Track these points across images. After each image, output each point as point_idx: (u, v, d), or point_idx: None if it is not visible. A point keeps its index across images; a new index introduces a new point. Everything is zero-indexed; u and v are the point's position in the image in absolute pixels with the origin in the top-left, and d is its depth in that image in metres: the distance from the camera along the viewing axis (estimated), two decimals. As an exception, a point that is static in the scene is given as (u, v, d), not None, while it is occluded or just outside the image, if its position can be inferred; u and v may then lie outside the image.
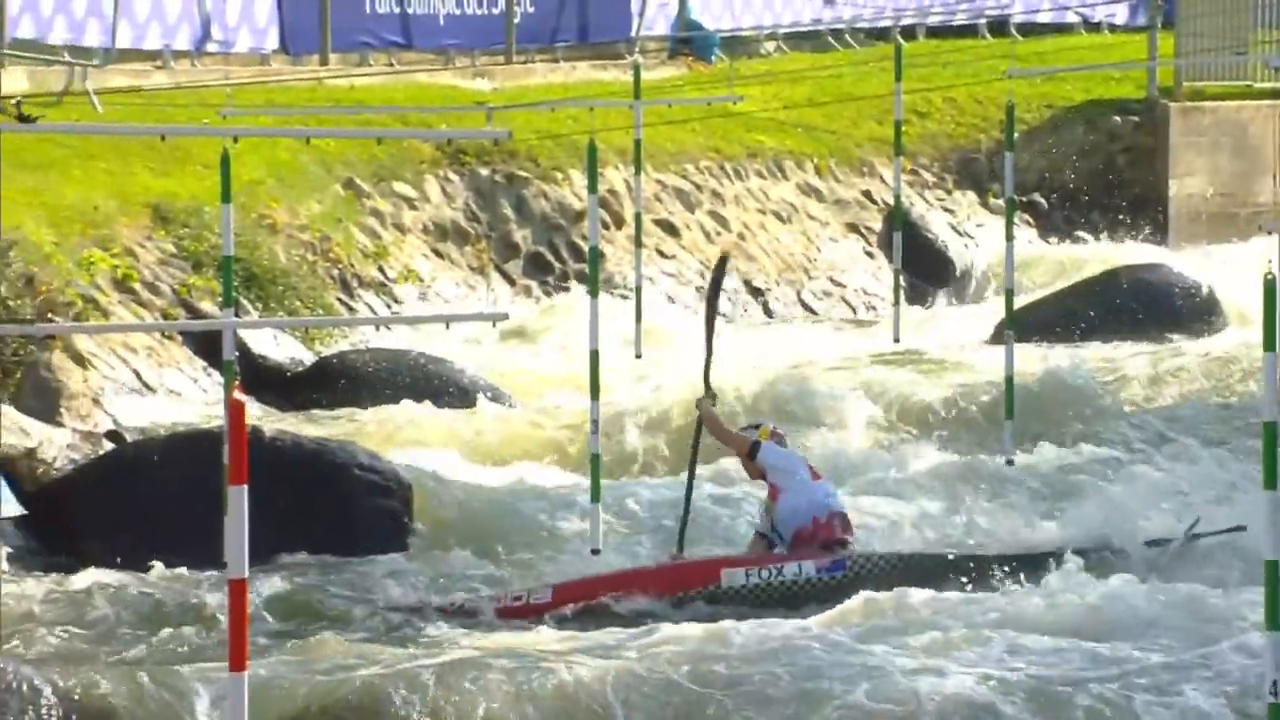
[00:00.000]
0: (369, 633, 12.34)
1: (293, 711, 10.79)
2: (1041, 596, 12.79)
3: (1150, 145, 28.59)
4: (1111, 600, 12.76)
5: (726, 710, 10.80)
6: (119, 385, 18.17)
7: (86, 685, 10.85)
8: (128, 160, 21.57)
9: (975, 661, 11.34)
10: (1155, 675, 11.02)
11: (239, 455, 7.90)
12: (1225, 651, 11.28)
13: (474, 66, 28.74)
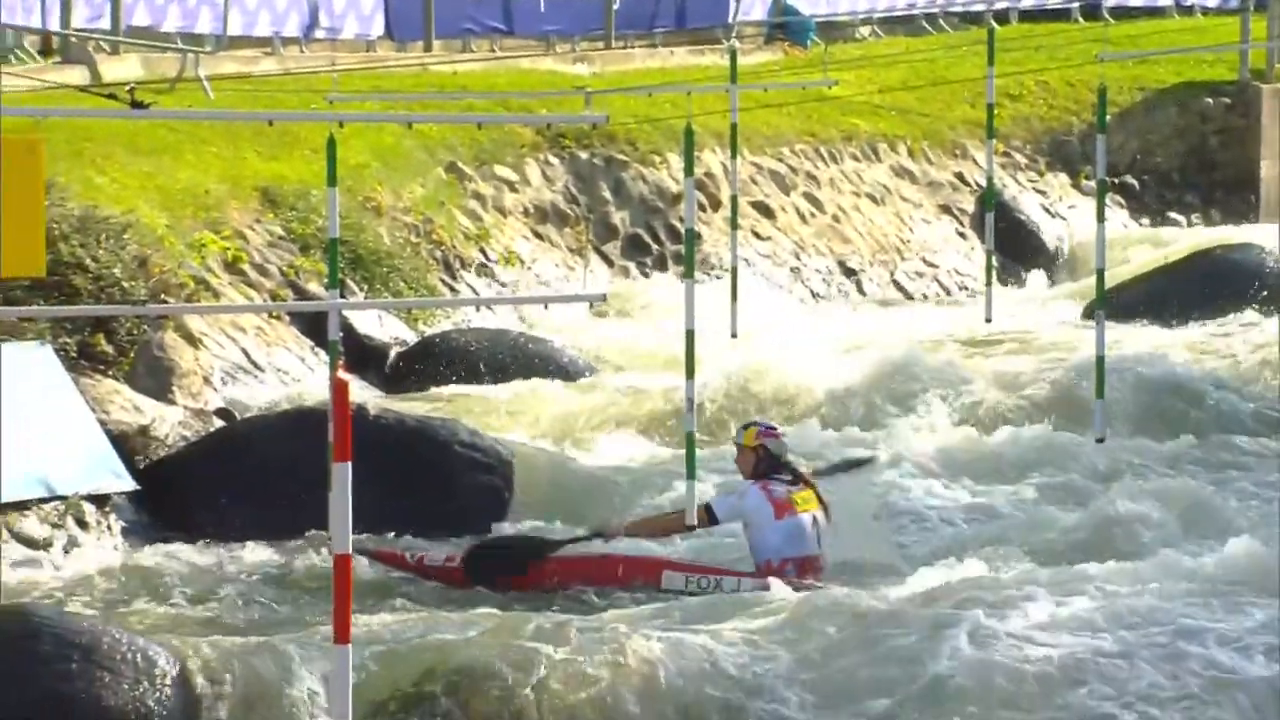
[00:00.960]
0: (468, 607, 12.37)
1: (394, 684, 10.84)
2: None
3: (1242, 127, 28.34)
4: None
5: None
6: (229, 364, 18.27)
7: (195, 655, 10.92)
8: (238, 145, 21.66)
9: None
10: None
11: (343, 433, 7.92)
12: None
13: (574, 52, 28.76)
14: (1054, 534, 13.76)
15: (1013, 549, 13.37)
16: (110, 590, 13.06)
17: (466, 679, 10.80)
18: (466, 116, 22.49)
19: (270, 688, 10.82)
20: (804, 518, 12.95)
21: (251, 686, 10.84)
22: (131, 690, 10.71)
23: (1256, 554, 12.79)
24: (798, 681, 10.87)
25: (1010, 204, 26.21)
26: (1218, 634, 11.18)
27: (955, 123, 27.45)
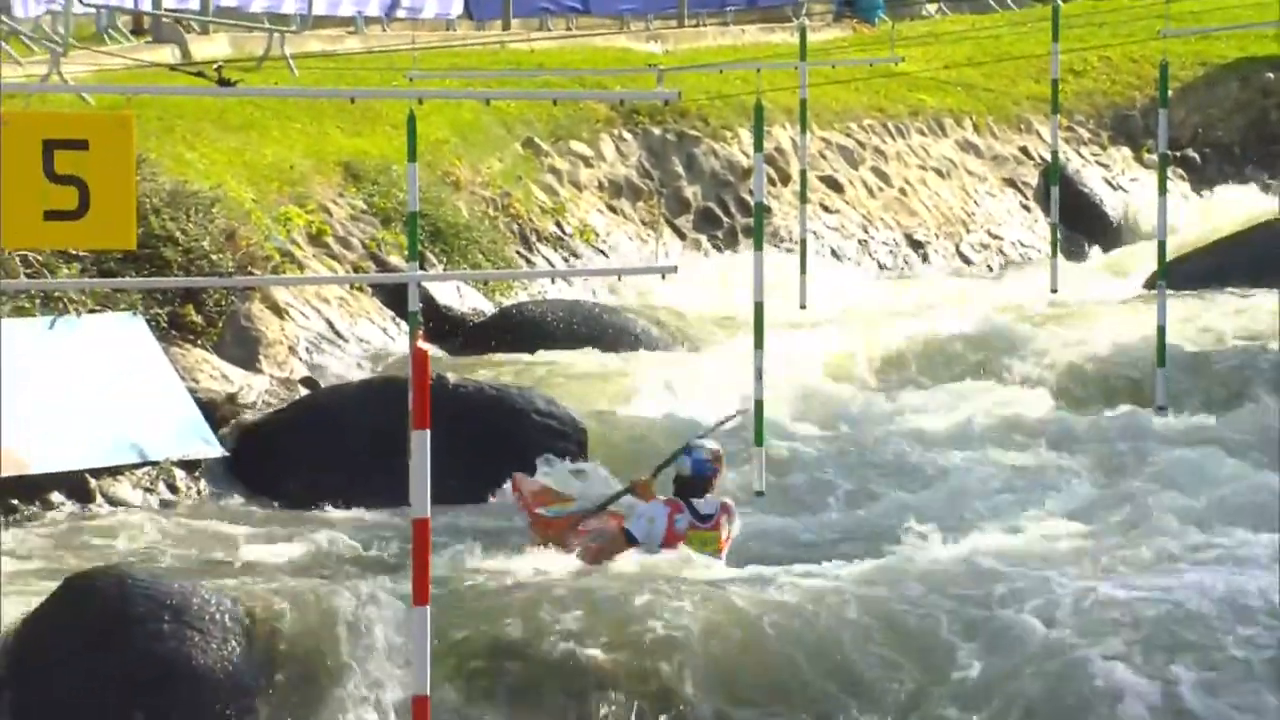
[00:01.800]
0: (544, 573, 12.41)
1: (470, 645, 10.90)
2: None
3: (1303, 100, 28.13)
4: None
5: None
6: (313, 334, 18.35)
7: (279, 616, 11.00)
8: (321, 121, 21.73)
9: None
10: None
11: (422, 401, 7.97)
12: None
13: (647, 30, 28.73)
14: (1103, 506, 13.66)
15: (1059, 520, 13.28)
16: (198, 552, 13.16)
17: (539, 645, 10.84)
18: (543, 93, 22.50)
19: (351, 648, 10.88)
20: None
21: (332, 646, 10.91)
22: (220, 649, 10.79)
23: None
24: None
25: (1073, 177, 26.07)
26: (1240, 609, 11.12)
27: (1020, 98, 27.32)
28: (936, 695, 10.50)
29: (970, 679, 10.58)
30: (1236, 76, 28.35)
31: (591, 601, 11.13)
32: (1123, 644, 10.69)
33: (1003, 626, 10.87)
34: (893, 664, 10.74)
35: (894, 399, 17.04)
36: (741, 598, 11.22)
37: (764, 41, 28.46)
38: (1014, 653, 10.69)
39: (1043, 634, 10.77)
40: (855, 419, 16.13)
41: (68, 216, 8.62)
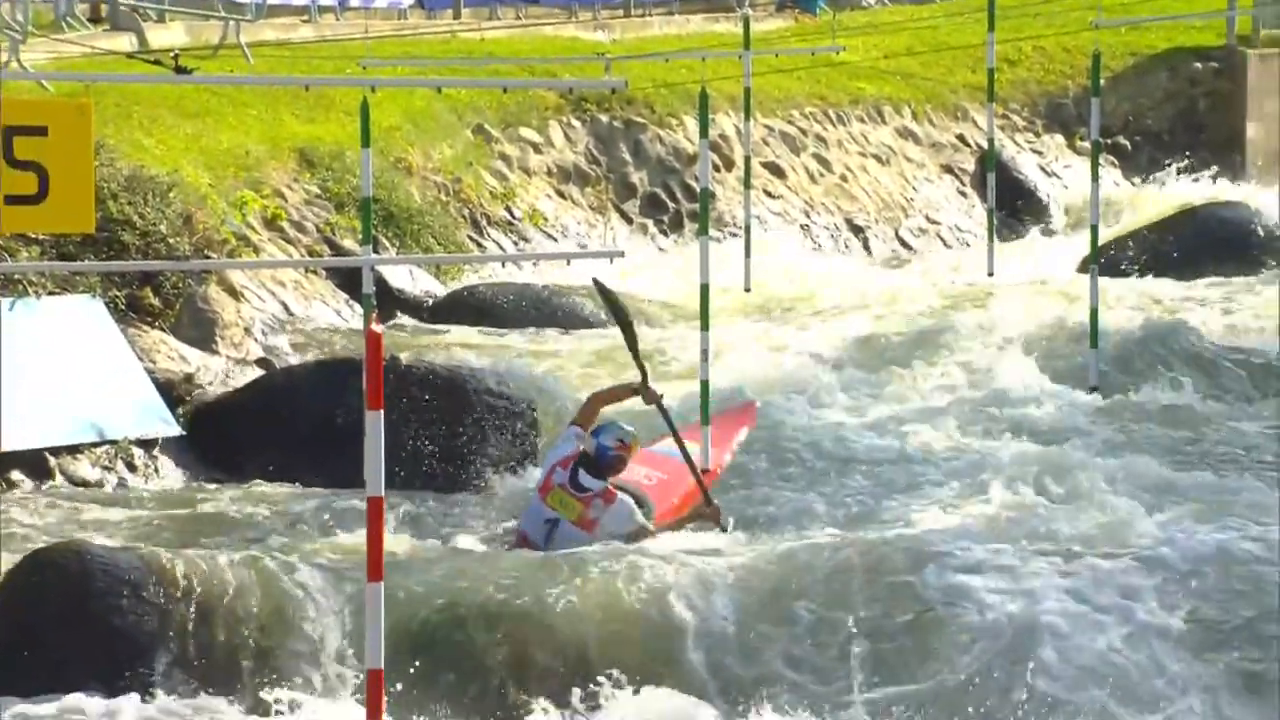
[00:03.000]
0: (497, 546, 12.37)
1: (423, 620, 10.86)
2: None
3: (1229, 90, 28.24)
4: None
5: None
6: (268, 316, 18.27)
7: (237, 591, 10.95)
8: (276, 108, 21.64)
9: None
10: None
11: (376, 382, 7.93)
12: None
13: (595, 20, 28.68)
14: (1035, 484, 13.67)
15: (988, 498, 13.28)
16: (157, 529, 13.08)
17: (491, 615, 10.81)
18: (493, 81, 22.44)
19: (306, 622, 10.83)
20: (545, 510, 12.28)
21: (288, 621, 10.85)
22: (178, 623, 10.73)
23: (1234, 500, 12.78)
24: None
25: (1009, 164, 26.14)
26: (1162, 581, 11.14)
27: (957, 86, 27.36)
28: (848, 672, 10.43)
29: (892, 655, 10.52)
30: (1166, 66, 28.45)
31: (541, 577, 11.10)
32: (1055, 616, 10.68)
33: (930, 601, 10.83)
34: (785, 638, 10.65)
35: (836, 381, 17.03)
36: (656, 575, 11.19)
37: (709, 31, 28.44)
38: (945, 630, 10.66)
39: (975, 606, 10.75)
40: (797, 401, 16.11)
41: (27, 201, 8.55)
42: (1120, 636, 10.42)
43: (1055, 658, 10.31)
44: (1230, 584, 10.85)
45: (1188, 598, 10.69)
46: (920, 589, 10.80)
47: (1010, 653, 10.39)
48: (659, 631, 10.72)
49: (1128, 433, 15.15)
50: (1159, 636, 10.41)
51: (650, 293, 20.91)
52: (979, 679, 10.30)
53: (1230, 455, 14.53)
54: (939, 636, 10.55)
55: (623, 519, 12.20)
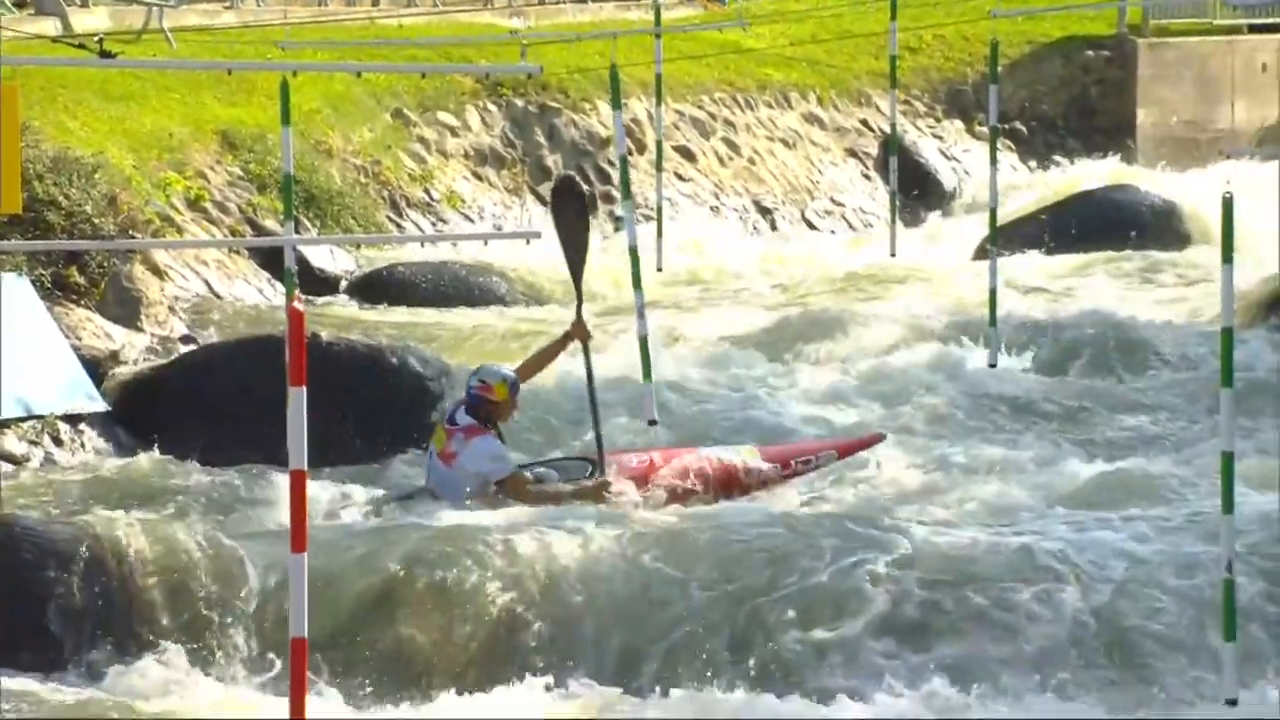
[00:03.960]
0: (412, 518, 12.33)
1: (345, 590, 10.83)
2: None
3: (1120, 78, 28.43)
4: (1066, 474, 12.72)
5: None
6: (192, 294, 18.17)
7: (163, 562, 10.89)
8: (199, 92, 21.49)
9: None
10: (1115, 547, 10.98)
11: (298, 359, 7.88)
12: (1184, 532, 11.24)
13: (510, 6, 28.59)
14: (936, 460, 13.72)
15: (891, 472, 13.32)
16: (83, 502, 12.97)
17: (414, 585, 10.79)
18: (412, 66, 22.35)
19: (233, 592, 10.78)
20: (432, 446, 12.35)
21: (215, 591, 10.80)
22: (106, 595, 10.66)
23: (1129, 473, 12.88)
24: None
25: (911, 148, 26.24)
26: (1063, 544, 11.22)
27: (860, 73, 27.44)
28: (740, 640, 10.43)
29: (777, 620, 10.52)
30: (1060, 55, 28.62)
31: (463, 546, 11.07)
32: (939, 582, 10.71)
33: (818, 568, 10.84)
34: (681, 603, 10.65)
35: (740, 358, 17.06)
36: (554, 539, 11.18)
37: (620, 18, 28.40)
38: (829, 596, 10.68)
39: (864, 575, 10.77)
40: (701, 376, 16.11)
41: (-45, 181, 8.43)
42: (1001, 605, 10.47)
43: (931, 623, 10.33)
44: (1107, 560, 10.92)
45: (1071, 569, 10.75)
46: (811, 559, 10.82)
47: (891, 617, 10.41)
48: (564, 602, 10.72)
49: (1024, 408, 15.24)
50: (1038, 602, 10.46)
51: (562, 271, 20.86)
52: (859, 642, 10.32)
53: (1123, 429, 14.64)
54: (826, 602, 10.57)
55: (478, 457, 12.12)
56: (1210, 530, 10.80)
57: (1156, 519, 11.56)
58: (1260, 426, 14.40)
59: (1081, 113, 28.30)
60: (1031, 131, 28.06)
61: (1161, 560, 10.77)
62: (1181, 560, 10.73)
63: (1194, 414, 14.81)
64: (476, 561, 10.89)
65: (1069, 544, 10.98)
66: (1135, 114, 28.21)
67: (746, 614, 10.51)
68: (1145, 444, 14.08)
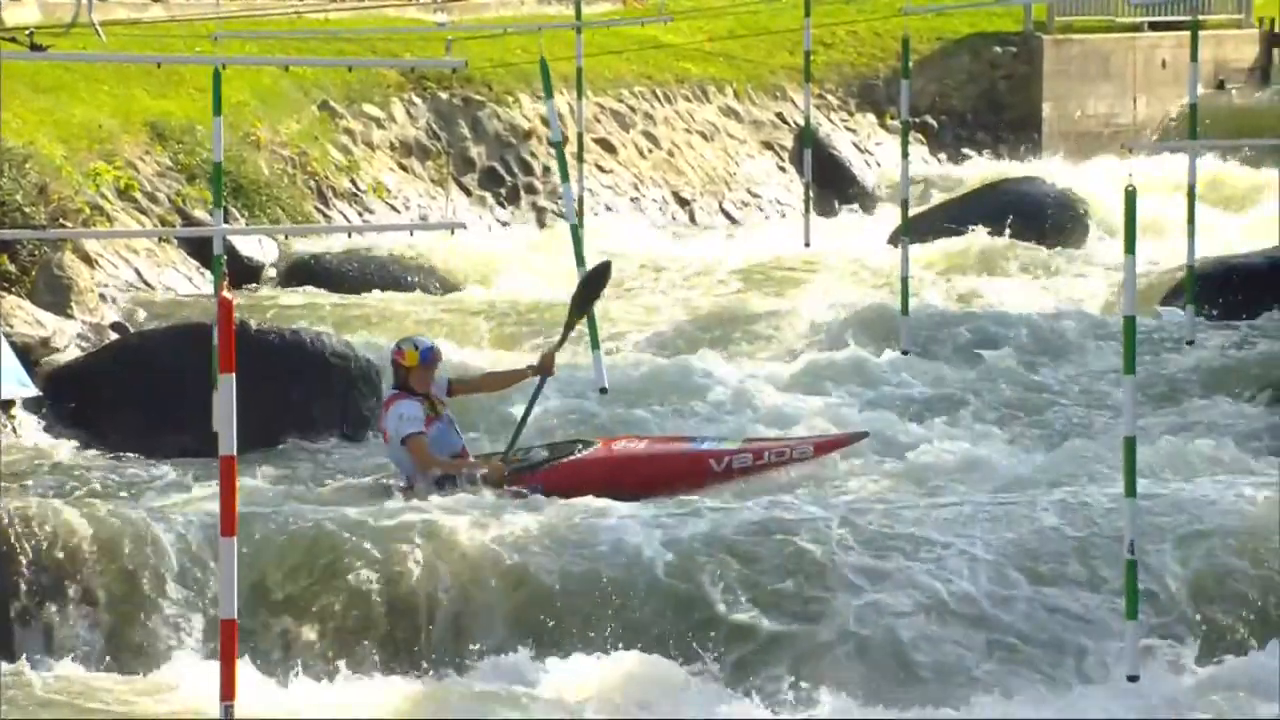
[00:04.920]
0: (340, 501, 12.30)
1: (274, 569, 10.80)
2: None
3: (1027, 73, 28.58)
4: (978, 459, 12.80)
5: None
6: (122, 283, 18.06)
7: (95, 544, 10.84)
8: (128, 84, 21.35)
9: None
10: (1026, 531, 11.04)
11: (227, 347, 7.85)
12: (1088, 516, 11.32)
13: (435, 2, 28.49)
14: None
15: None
16: (14, 485, 12.87)
17: (345, 567, 10.76)
18: (339, 60, 22.22)
19: (164, 575, 10.73)
20: None
21: (146, 574, 10.75)
22: (38, 577, 10.60)
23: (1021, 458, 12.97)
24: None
25: (825, 141, 26.29)
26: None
27: (776, 68, 27.48)
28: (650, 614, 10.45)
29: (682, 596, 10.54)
30: (969, 50, 28.74)
31: (391, 531, 11.05)
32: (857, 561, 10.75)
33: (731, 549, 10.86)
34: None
35: (658, 345, 17.08)
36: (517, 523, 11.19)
37: (542, 13, 28.34)
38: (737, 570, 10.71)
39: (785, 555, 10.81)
40: (616, 361, 16.11)
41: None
42: (909, 584, 10.51)
43: (835, 605, 10.35)
44: (1013, 541, 10.98)
45: (977, 550, 10.81)
46: (723, 543, 10.86)
47: (798, 601, 10.44)
48: (479, 577, 10.72)
49: (935, 392, 15.31)
50: (944, 583, 10.52)
51: (491, 256, 20.86)
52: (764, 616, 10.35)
53: (1030, 414, 14.72)
54: (732, 577, 10.60)
55: (392, 419, 12.35)
56: (1114, 513, 10.88)
57: (1061, 502, 11.63)
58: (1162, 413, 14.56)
59: (990, 107, 28.43)
60: (941, 125, 28.17)
61: (1066, 541, 10.84)
62: (1086, 542, 10.81)
63: (1096, 400, 14.91)
64: (406, 541, 10.87)
65: (975, 525, 11.04)
66: (1041, 108, 28.37)
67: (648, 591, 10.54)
68: (1052, 429, 14.17)
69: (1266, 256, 18.53)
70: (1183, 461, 12.76)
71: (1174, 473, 12.42)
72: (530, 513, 11.39)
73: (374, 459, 13.76)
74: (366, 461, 13.78)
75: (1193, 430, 14.12)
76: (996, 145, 27.95)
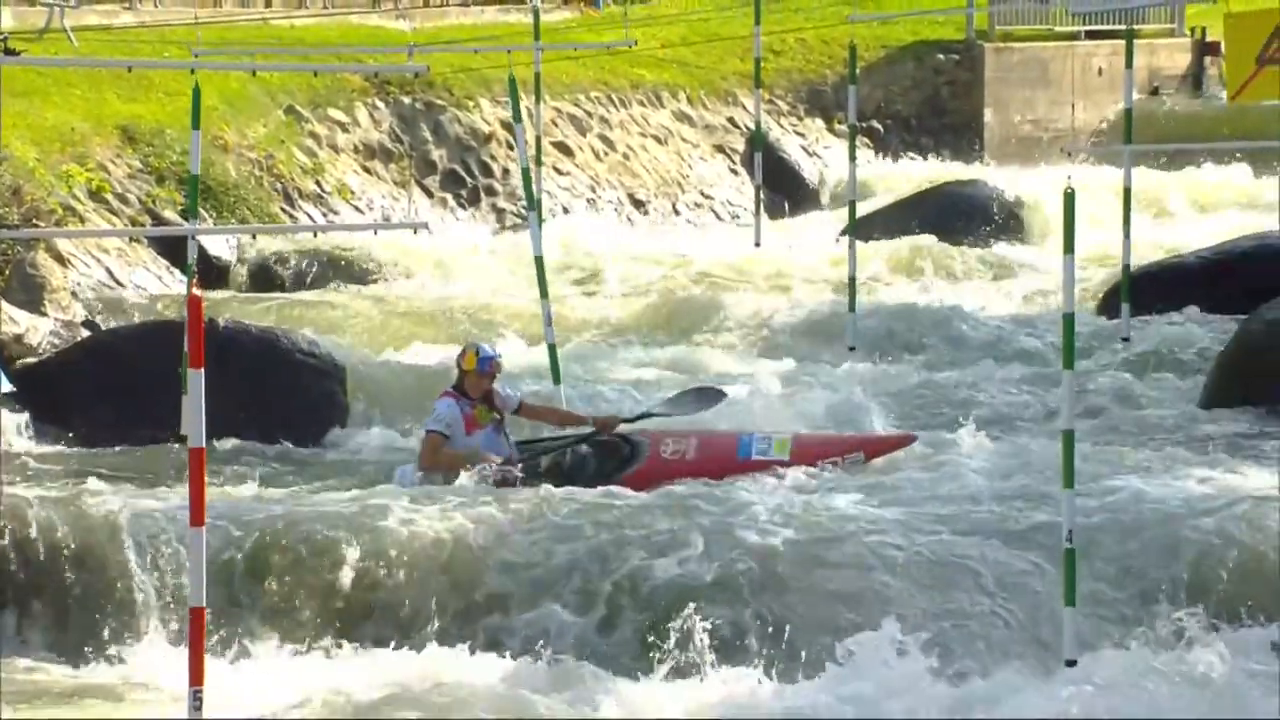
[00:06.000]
0: (312, 491, 12.27)
1: (244, 559, 10.76)
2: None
3: (969, 80, 28.67)
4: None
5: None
6: (94, 281, 17.98)
7: (69, 534, 10.79)
8: (100, 88, 21.26)
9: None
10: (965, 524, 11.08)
11: (197, 343, 7.82)
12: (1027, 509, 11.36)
13: (396, 9, 28.41)
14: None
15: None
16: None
17: (310, 556, 10.74)
18: (305, 65, 22.19)
19: (136, 564, 10.68)
20: None
21: (118, 564, 10.71)
22: (10, 569, 10.53)
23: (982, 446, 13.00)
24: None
25: (775, 145, 26.32)
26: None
27: (727, 74, 27.51)
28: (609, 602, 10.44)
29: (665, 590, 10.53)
30: (913, 57, 28.81)
31: (365, 517, 11.02)
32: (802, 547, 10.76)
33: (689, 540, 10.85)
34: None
35: (615, 341, 17.07)
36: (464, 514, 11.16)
37: (501, 21, 28.31)
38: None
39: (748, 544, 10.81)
40: (574, 358, 16.11)
41: None
42: (856, 566, 10.52)
43: (770, 600, 10.32)
44: (955, 533, 11.01)
45: (921, 541, 10.84)
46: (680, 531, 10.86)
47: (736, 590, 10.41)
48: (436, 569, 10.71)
49: (881, 387, 15.34)
50: (891, 573, 10.54)
51: (449, 259, 20.83)
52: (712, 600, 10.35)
53: (972, 408, 14.76)
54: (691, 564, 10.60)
55: (429, 422, 12.23)
56: (1053, 503, 10.92)
57: (1001, 492, 11.68)
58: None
59: (933, 112, 28.50)
60: (887, 129, 28.23)
61: (1009, 531, 10.88)
62: (1027, 531, 10.85)
63: (1036, 395, 14.96)
64: (368, 531, 10.85)
65: (920, 517, 11.07)
66: (983, 113, 28.45)
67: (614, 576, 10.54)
68: (993, 422, 14.20)
69: (1198, 257, 18.63)
70: (1118, 453, 12.82)
71: (1110, 464, 12.46)
72: (518, 504, 11.34)
73: (338, 454, 13.75)
74: (332, 455, 13.74)
75: (1128, 422, 14.19)
76: (940, 149, 28.02)
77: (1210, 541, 10.62)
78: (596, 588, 10.45)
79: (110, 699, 9.83)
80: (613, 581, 10.44)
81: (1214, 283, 17.69)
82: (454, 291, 19.45)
